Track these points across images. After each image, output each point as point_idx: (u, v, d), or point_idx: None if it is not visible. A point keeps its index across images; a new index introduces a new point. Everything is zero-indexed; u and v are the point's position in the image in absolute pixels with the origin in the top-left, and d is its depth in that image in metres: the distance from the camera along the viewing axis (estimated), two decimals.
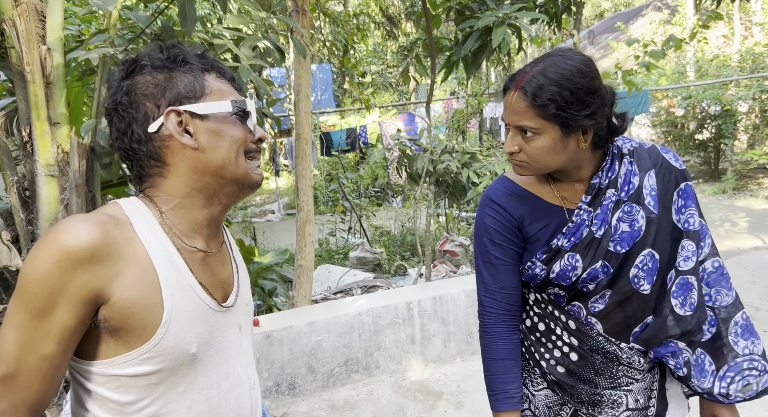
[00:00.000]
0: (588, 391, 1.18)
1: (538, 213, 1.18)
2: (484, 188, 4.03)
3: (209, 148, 0.88)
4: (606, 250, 1.12)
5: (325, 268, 5.41)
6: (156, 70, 0.88)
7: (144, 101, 0.87)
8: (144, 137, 0.87)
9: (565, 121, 1.04)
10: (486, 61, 4.33)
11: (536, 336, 1.23)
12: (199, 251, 0.91)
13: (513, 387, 1.19)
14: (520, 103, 1.06)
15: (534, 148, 1.08)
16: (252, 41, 3.04)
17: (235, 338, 0.97)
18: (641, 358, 1.16)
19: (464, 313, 3.56)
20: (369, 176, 12.42)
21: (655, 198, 1.13)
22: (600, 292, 1.14)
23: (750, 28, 14.04)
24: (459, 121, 6.56)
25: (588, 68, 1.05)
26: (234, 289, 0.98)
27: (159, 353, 0.83)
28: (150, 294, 0.82)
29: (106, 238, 0.79)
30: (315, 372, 3.17)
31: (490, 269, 1.22)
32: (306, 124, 3.82)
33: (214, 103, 0.89)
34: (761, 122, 10.96)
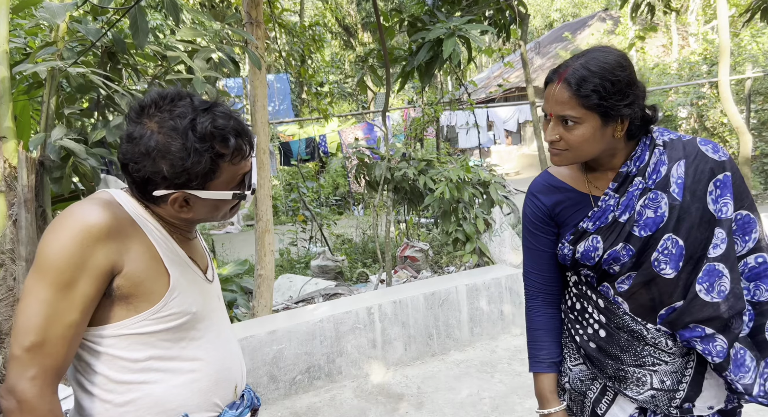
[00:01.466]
0: (614, 366, 1.25)
1: (570, 201, 1.29)
2: (440, 194, 4.15)
3: (202, 214, 1.05)
4: (629, 233, 1.19)
5: (287, 278, 5.40)
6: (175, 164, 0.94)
7: (157, 165, 0.94)
8: (149, 193, 0.98)
9: (606, 110, 1.12)
10: (438, 71, 4.47)
11: (574, 314, 1.35)
12: (181, 235, 1.08)
13: (543, 353, 1.36)
14: (563, 93, 1.13)
15: (575, 136, 1.15)
16: (206, 53, 3.06)
17: (219, 307, 1.16)
18: (669, 340, 1.20)
19: (423, 316, 3.65)
20: (330, 185, 12.43)
21: (680, 186, 1.17)
22: (626, 273, 1.21)
23: (686, 38, 14.91)
24: (416, 130, 6.70)
25: (626, 63, 1.14)
26: (210, 267, 1.17)
27: (167, 314, 0.99)
28: (154, 266, 0.98)
29: (116, 218, 0.94)
30: (277, 380, 3.18)
31: (527, 253, 1.39)
32: (263, 134, 3.84)
33: (218, 192, 1.01)
34: (699, 127, 11.63)
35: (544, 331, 1.37)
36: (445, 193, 4.00)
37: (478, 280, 3.86)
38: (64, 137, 2.52)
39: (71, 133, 2.66)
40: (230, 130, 0.99)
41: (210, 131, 0.96)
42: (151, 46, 3.05)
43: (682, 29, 15.14)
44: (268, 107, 12.64)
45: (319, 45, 6.05)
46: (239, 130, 1.02)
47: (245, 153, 1.03)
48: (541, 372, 1.36)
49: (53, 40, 2.72)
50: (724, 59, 4.25)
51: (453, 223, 4.26)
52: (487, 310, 3.87)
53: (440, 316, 3.72)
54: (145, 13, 2.58)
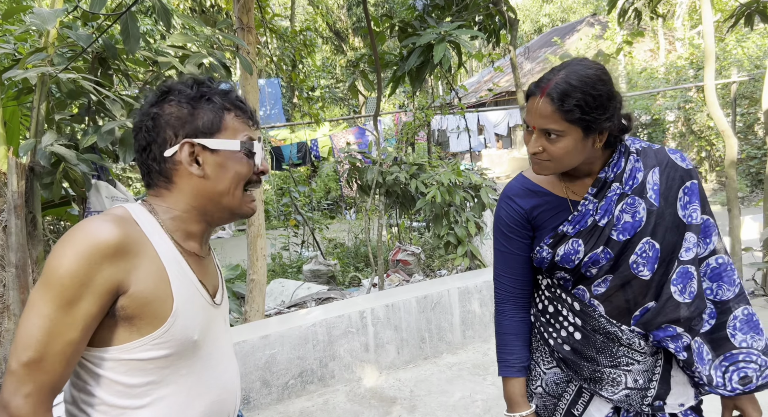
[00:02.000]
0: (590, 368, 1.28)
1: (547, 205, 1.31)
2: (431, 198, 4.17)
3: (213, 178, 1.00)
4: (608, 237, 1.22)
5: (279, 283, 5.40)
6: (182, 104, 1.00)
7: (166, 128, 0.99)
8: (159, 158, 1.00)
9: (588, 124, 1.15)
10: (429, 76, 4.51)
11: (546, 318, 1.36)
12: (194, 254, 1.04)
13: (513, 357, 1.37)
14: (546, 107, 1.15)
15: (558, 149, 1.18)
16: (197, 58, 3.07)
17: (223, 332, 1.12)
18: (641, 340, 1.24)
19: (416, 319, 3.67)
20: (321, 189, 12.43)
21: (657, 192, 1.22)
22: (602, 276, 1.25)
23: (673, 42, 15.12)
24: (407, 134, 6.73)
25: (606, 76, 1.17)
26: (220, 289, 1.13)
27: (168, 339, 0.95)
28: (162, 287, 0.94)
29: (127, 236, 0.91)
30: (269, 385, 3.17)
31: (499, 256, 1.39)
32: None
33: (226, 140, 1.00)
34: (686, 130, 11.78)
35: (515, 335, 1.38)
36: (437, 197, 4.02)
37: (469, 283, 3.88)
38: (54, 143, 2.51)
39: (62, 138, 2.65)
40: (231, 89, 1.06)
41: (212, 86, 1.03)
42: (142, 52, 3.06)
43: (669, 34, 15.35)
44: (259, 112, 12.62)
45: (310, 50, 6.07)
46: (241, 98, 1.07)
47: (247, 113, 1.05)
48: (511, 376, 1.37)
49: (43, 46, 2.72)
50: (710, 64, 4.32)
51: (444, 226, 4.29)
52: (479, 312, 3.89)
53: (432, 320, 3.73)
54: (136, 18, 2.58)
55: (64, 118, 2.78)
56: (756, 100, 10.26)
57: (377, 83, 4.57)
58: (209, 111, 1.00)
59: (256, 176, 1.06)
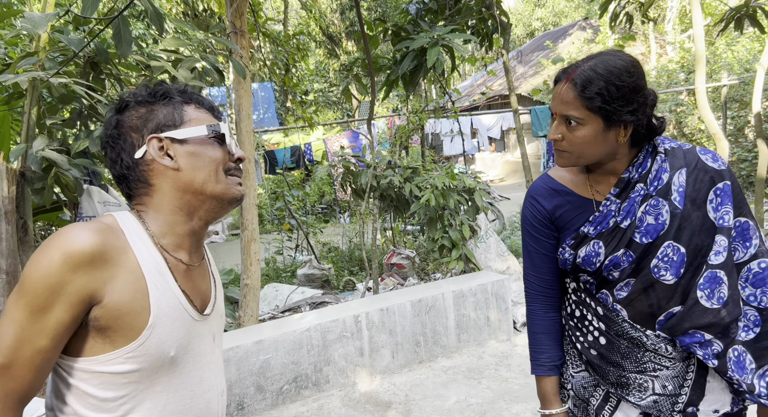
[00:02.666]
0: (615, 373, 1.26)
1: (570, 205, 1.28)
2: (425, 201, 4.17)
3: (189, 168, 0.98)
4: (630, 239, 1.19)
5: (273, 287, 5.37)
6: (139, 104, 1.01)
7: (130, 133, 0.99)
8: (131, 163, 0.99)
9: (608, 114, 1.12)
10: (423, 79, 4.52)
11: (573, 321, 1.34)
12: (182, 263, 1.00)
13: (544, 356, 1.36)
14: (569, 93, 1.14)
15: (576, 137, 1.16)
16: (190, 63, 3.06)
17: (209, 347, 1.06)
18: (668, 345, 1.20)
19: (410, 323, 3.66)
20: (316, 193, 12.41)
21: (682, 194, 1.18)
22: (624, 279, 1.22)
23: (664, 46, 15.25)
24: (401, 138, 6.74)
25: (635, 69, 1.13)
26: (211, 301, 1.08)
27: (142, 353, 0.91)
28: (139, 298, 0.91)
29: (104, 245, 0.88)
30: (264, 391, 3.15)
31: (527, 256, 1.38)
32: (248, 142, 3.84)
33: (192, 128, 1.00)
34: (678, 133, 11.86)
35: (545, 334, 1.38)
36: (431, 200, 4.03)
37: (464, 287, 3.88)
38: (45, 148, 2.49)
39: (53, 143, 2.63)
40: (186, 86, 1.07)
41: (166, 87, 1.04)
42: (134, 56, 3.04)
43: (660, 38, 15.49)
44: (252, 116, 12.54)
45: (303, 54, 6.07)
46: (198, 94, 1.08)
47: (206, 105, 1.06)
48: (542, 375, 1.36)
49: (34, 51, 2.70)
50: (700, 67, 4.36)
51: (439, 230, 4.29)
52: (473, 316, 3.89)
53: (427, 323, 3.73)
54: (128, 22, 2.57)
55: (55, 123, 2.76)
56: (746, 104, 10.36)
57: (371, 87, 4.57)
58: (168, 106, 1.01)
59: (233, 163, 1.05)
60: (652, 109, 1.19)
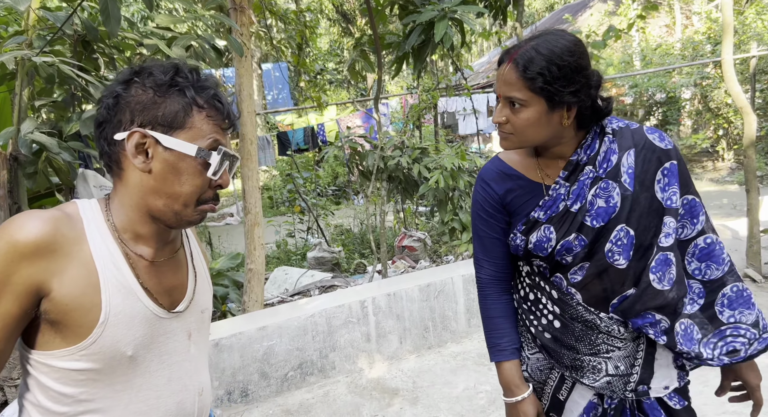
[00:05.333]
0: (570, 356, 1.26)
1: (521, 189, 1.26)
2: (434, 183, 4.03)
3: (160, 176, 0.89)
4: (581, 223, 1.18)
5: (282, 270, 5.32)
6: (147, 88, 0.90)
7: (125, 110, 0.90)
8: (110, 139, 0.91)
9: (551, 95, 1.10)
10: (431, 55, 4.33)
11: (527, 305, 1.33)
12: (144, 259, 0.94)
13: (504, 341, 1.32)
14: (511, 74, 1.12)
15: (520, 120, 1.14)
16: (185, 41, 2.94)
17: (182, 345, 0.99)
18: (621, 327, 1.21)
19: (419, 308, 3.56)
20: (329, 174, 12.32)
21: (631, 176, 1.17)
22: (578, 264, 1.20)
23: (690, 17, 14.61)
24: (413, 117, 6.57)
25: (577, 48, 1.11)
26: (187, 297, 1.01)
27: (95, 352, 0.86)
28: (89, 294, 0.85)
29: (54, 235, 0.83)
30: (268, 377, 3.10)
31: (478, 241, 1.35)
32: (250, 124, 3.72)
33: (182, 142, 0.89)
34: (703, 108, 11.42)
35: (502, 318, 1.35)
36: (440, 182, 3.88)
37: (474, 270, 3.75)
38: (35, 130, 2.42)
39: (44, 126, 2.56)
40: (213, 86, 0.94)
41: (189, 77, 0.92)
42: (126, 34, 2.93)
43: (686, 8, 14.83)
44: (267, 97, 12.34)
45: (312, 31, 5.89)
46: (221, 97, 0.95)
47: (223, 115, 0.94)
48: (505, 360, 1.33)
49: (23, 29, 2.61)
50: (728, 37, 4.09)
51: (449, 212, 4.16)
52: None
53: (436, 308, 3.62)
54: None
55: (45, 104, 2.67)
56: None
57: (378, 64, 4.40)
58: (176, 103, 0.90)
59: (211, 190, 0.94)
60: (597, 90, 1.16)
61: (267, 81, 15.11)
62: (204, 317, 1.07)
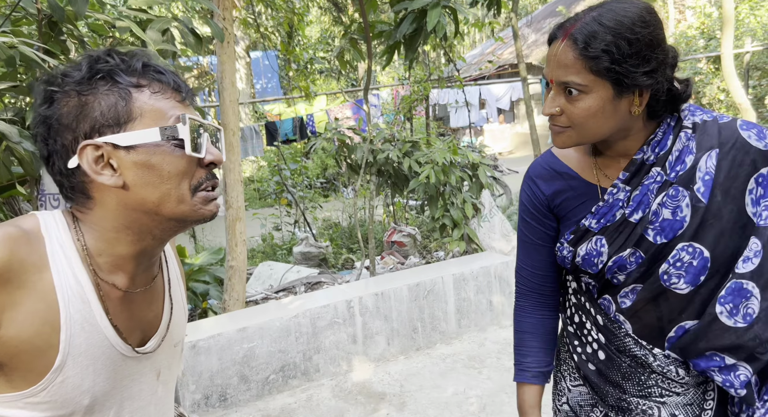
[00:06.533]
0: (614, 395, 1.08)
1: (573, 191, 1.07)
2: (425, 178, 3.89)
3: (139, 185, 0.73)
4: (640, 236, 0.97)
5: (267, 266, 5.16)
6: (69, 93, 0.73)
7: (62, 132, 0.73)
8: (64, 171, 0.74)
9: (619, 77, 0.89)
10: (423, 44, 4.17)
11: (573, 328, 1.16)
12: (117, 289, 0.78)
13: (528, 360, 1.16)
14: (567, 54, 0.90)
15: (579, 110, 0.92)
16: (161, 24, 2.74)
17: (148, 387, 0.85)
18: (680, 368, 1.01)
19: (407, 308, 3.43)
20: (318, 166, 12.11)
21: (708, 184, 0.94)
22: (630, 285, 1.01)
23: (683, 11, 14.54)
24: (405, 109, 6.40)
25: (652, 17, 0.90)
26: (158, 332, 0.86)
27: (44, 400, 0.72)
28: (45, 333, 0.71)
29: (9, 261, 0.68)
30: (248, 381, 2.95)
31: (521, 245, 1.19)
32: (232, 113, 3.55)
33: (140, 131, 0.73)
34: (695, 103, 11.36)
35: (532, 335, 1.18)
36: (431, 177, 3.74)
37: (465, 269, 3.63)
38: None
39: (7, 112, 2.36)
40: (142, 58, 0.76)
41: (111, 59, 0.74)
42: (99, 15, 2.74)
43: (679, 3, 14.77)
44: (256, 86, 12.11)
45: (300, 18, 5.70)
46: (158, 64, 0.77)
47: (170, 84, 0.77)
48: (524, 382, 1.16)
49: None
50: (728, 31, 3.97)
51: (440, 208, 4.02)
52: (475, 300, 3.65)
53: (425, 308, 3.49)
54: None
55: (7, 90, 2.48)
56: None
57: (368, 53, 4.23)
58: (109, 93, 0.72)
59: (204, 170, 0.77)
60: (672, 71, 0.94)
61: (256, 69, 14.82)
62: (176, 351, 0.91)
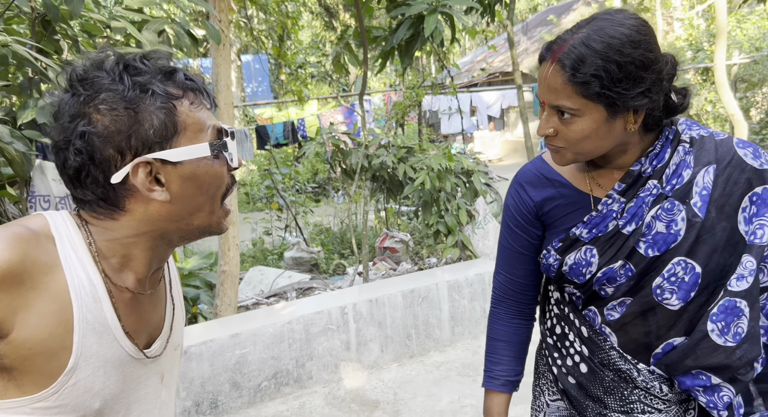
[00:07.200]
0: (595, 409, 1.06)
1: (564, 199, 1.05)
2: (420, 183, 3.88)
3: (182, 197, 0.75)
4: (632, 249, 0.96)
5: (258, 270, 5.11)
6: (117, 109, 0.70)
7: (105, 147, 0.70)
8: (103, 182, 0.72)
9: (612, 100, 0.87)
10: (419, 50, 4.17)
11: (553, 339, 1.14)
12: (129, 291, 0.77)
13: (499, 368, 1.17)
14: (556, 78, 0.89)
15: (573, 132, 0.92)
16: (157, 25, 2.71)
17: (153, 390, 0.84)
18: (664, 385, 1.00)
19: (401, 315, 3.40)
20: (309, 171, 12.06)
21: (705, 199, 0.94)
22: (619, 298, 1.00)
23: (671, 23, 14.77)
24: (397, 114, 6.40)
25: (642, 36, 0.87)
26: (162, 334, 0.85)
27: (56, 405, 0.70)
28: (59, 335, 0.69)
29: (22, 263, 0.66)
30: (240, 388, 2.91)
31: (501, 252, 1.17)
32: (227, 116, 3.51)
33: (191, 147, 0.74)
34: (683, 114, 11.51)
35: (504, 343, 1.18)
36: (426, 183, 3.73)
37: (459, 276, 3.61)
38: None
39: None
40: (174, 66, 0.76)
41: (144, 67, 0.73)
42: (93, 15, 2.70)
43: (667, 14, 15.00)
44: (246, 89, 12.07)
45: (294, 22, 5.68)
46: (188, 74, 0.77)
47: (202, 92, 0.78)
48: (492, 390, 1.16)
49: None
50: (721, 42, 4.03)
51: (434, 214, 4.01)
52: (469, 307, 3.64)
53: (419, 315, 3.47)
54: None
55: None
56: (754, 84, 10.02)
57: (363, 57, 4.22)
58: (156, 110, 0.71)
59: (230, 176, 0.80)
60: (670, 83, 0.92)
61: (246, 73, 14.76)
62: (176, 355, 0.91)
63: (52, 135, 0.73)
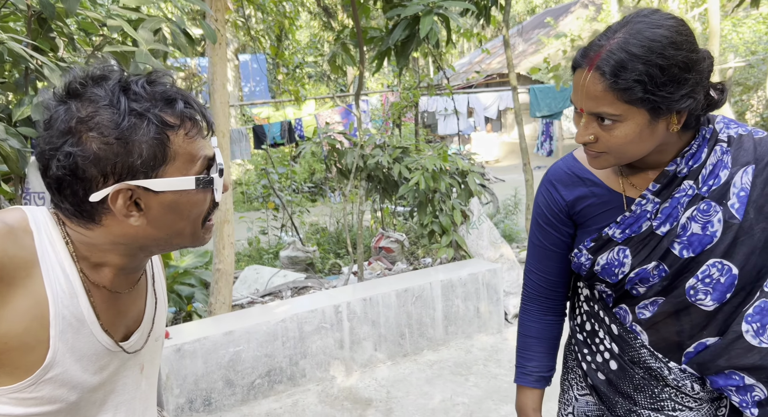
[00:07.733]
0: (625, 406, 1.05)
1: (596, 198, 1.03)
2: (415, 184, 3.89)
3: (160, 224, 0.75)
4: (666, 250, 0.95)
5: (253, 269, 5.12)
6: (108, 137, 0.69)
7: (89, 168, 0.70)
8: (82, 198, 0.71)
9: (655, 104, 0.85)
10: (415, 51, 4.19)
11: (583, 336, 1.14)
12: (105, 288, 0.78)
13: (532, 364, 1.17)
14: (596, 85, 0.86)
15: (615, 138, 0.89)
16: (153, 24, 2.72)
17: (132, 381, 0.86)
18: (696, 384, 0.99)
19: (395, 314, 3.42)
20: (306, 170, 12.07)
21: (743, 200, 0.92)
22: (651, 297, 0.99)
23: None
24: (394, 115, 6.42)
25: (683, 36, 0.84)
26: (144, 327, 0.87)
27: (33, 396, 0.71)
28: (35, 330, 0.70)
29: (2, 257, 0.67)
30: (233, 385, 2.92)
31: (532, 249, 1.17)
32: (223, 116, 3.52)
33: (175, 179, 0.73)
34: None
35: (537, 339, 1.17)
36: (421, 183, 3.75)
37: (453, 276, 3.64)
38: None
39: None
40: (175, 93, 0.74)
41: (143, 92, 0.72)
42: (89, 13, 2.71)
43: None
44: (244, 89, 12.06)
45: (291, 22, 5.69)
46: (188, 97, 0.76)
47: (200, 121, 0.77)
48: (525, 386, 1.17)
49: None
50: (713, 45, 4.07)
51: (429, 214, 4.02)
52: (462, 307, 3.66)
53: (413, 314, 3.49)
54: None
55: None
56: (750, 87, 10.09)
57: (359, 58, 4.24)
58: (148, 139, 0.70)
59: (212, 201, 0.81)
60: (708, 79, 0.90)
61: (244, 72, 14.76)
62: (158, 345, 0.92)
63: (39, 141, 0.72)
